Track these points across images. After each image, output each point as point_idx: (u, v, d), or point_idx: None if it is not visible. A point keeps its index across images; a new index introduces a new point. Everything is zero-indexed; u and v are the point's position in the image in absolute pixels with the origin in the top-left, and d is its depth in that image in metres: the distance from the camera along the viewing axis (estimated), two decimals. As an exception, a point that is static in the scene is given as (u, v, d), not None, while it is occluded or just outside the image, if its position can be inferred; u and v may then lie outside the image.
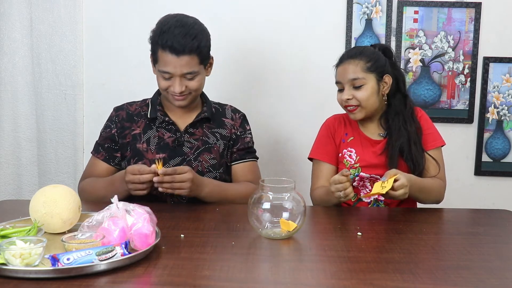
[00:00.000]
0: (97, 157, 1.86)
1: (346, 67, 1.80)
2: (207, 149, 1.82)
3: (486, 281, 1.15)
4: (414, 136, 1.80)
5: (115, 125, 1.85)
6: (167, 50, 1.69)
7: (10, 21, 2.32)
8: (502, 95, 2.40)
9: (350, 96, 1.78)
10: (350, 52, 1.85)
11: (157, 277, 1.14)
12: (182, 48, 1.68)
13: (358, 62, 1.79)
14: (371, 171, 1.80)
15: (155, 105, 1.85)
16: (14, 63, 2.34)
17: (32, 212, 1.37)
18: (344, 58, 1.83)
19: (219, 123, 1.88)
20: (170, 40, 1.68)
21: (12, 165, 2.38)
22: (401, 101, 1.84)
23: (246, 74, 2.43)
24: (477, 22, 2.36)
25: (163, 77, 1.75)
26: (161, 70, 1.73)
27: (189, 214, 1.61)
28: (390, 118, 1.83)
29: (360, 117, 1.81)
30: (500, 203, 2.41)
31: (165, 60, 1.71)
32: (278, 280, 1.14)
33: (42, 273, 1.10)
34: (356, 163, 1.83)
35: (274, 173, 2.41)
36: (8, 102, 2.36)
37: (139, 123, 1.84)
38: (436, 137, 1.85)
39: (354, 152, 1.84)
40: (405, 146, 1.78)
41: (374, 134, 1.87)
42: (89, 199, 1.74)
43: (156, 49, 1.73)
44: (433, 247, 1.37)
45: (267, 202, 1.38)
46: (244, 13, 2.40)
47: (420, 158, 1.78)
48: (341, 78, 1.81)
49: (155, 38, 1.73)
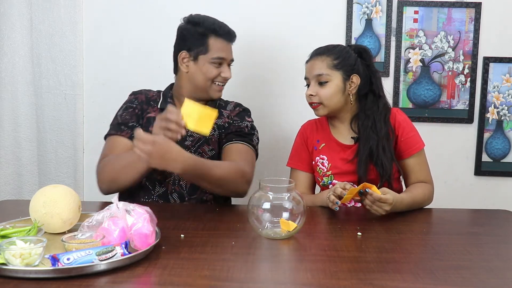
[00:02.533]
0: (121, 135, 1.79)
1: (313, 63, 1.80)
2: (206, 141, 1.84)
3: (486, 281, 1.15)
4: (383, 140, 1.74)
5: (137, 106, 1.87)
6: (222, 37, 1.81)
7: (10, 21, 2.32)
8: (502, 95, 2.40)
9: (313, 92, 1.77)
10: (319, 49, 1.83)
11: (157, 277, 1.14)
12: (234, 35, 1.85)
13: (325, 59, 1.78)
14: (344, 178, 1.76)
15: (166, 97, 1.89)
16: (14, 63, 2.34)
17: (32, 212, 1.37)
18: (313, 54, 1.83)
19: (219, 116, 1.88)
20: (224, 28, 1.82)
21: (12, 165, 2.38)
22: (373, 103, 1.79)
23: (247, 74, 2.43)
24: (477, 22, 2.36)
25: (214, 64, 1.81)
26: (216, 57, 1.80)
27: (189, 214, 1.61)
28: (361, 120, 1.79)
29: (322, 114, 1.80)
30: (500, 203, 2.41)
31: (219, 46, 1.81)
32: (278, 280, 1.14)
33: (42, 273, 1.10)
34: (329, 171, 1.81)
35: (274, 173, 2.41)
36: (8, 102, 2.36)
37: (154, 108, 1.87)
38: (417, 140, 1.80)
39: (326, 159, 1.82)
40: (374, 150, 1.73)
41: (346, 137, 1.83)
42: (111, 174, 1.68)
43: (206, 39, 1.80)
44: (433, 247, 1.37)
45: (267, 202, 1.38)
46: (244, 13, 2.40)
47: (388, 164, 1.72)
48: (308, 73, 1.81)
49: (208, 26, 1.80)
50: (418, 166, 1.79)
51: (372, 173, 1.75)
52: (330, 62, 1.77)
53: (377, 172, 1.74)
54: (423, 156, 1.81)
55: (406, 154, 1.79)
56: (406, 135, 1.79)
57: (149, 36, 2.41)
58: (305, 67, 1.84)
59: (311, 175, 1.89)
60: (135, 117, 1.84)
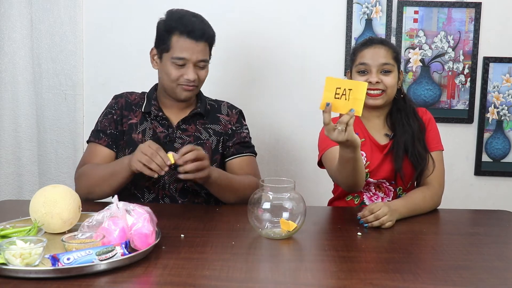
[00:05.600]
0: (99, 143, 1.79)
1: (377, 51, 1.76)
2: (199, 145, 1.78)
3: (486, 281, 1.15)
4: (417, 132, 1.78)
5: (116, 112, 1.83)
6: (184, 35, 1.70)
7: (10, 21, 2.32)
8: (502, 95, 2.40)
9: (379, 79, 1.74)
10: (376, 38, 1.83)
11: (157, 277, 1.14)
12: (201, 33, 1.71)
13: (389, 49, 1.78)
14: (378, 175, 1.78)
15: (150, 99, 1.84)
16: (14, 63, 2.34)
17: (32, 212, 1.37)
18: (373, 42, 1.79)
19: (213, 119, 1.86)
20: (190, 26, 1.69)
21: (13, 165, 2.38)
22: (401, 99, 1.84)
23: (247, 74, 2.43)
24: (477, 22, 2.36)
25: (176, 65, 1.72)
26: (176, 56, 1.71)
27: (189, 214, 1.61)
28: (393, 115, 1.82)
29: (381, 103, 1.77)
30: (500, 203, 2.42)
31: (182, 45, 1.70)
32: (278, 280, 1.14)
33: (42, 273, 1.10)
34: (366, 168, 1.76)
35: (274, 173, 2.41)
36: (8, 102, 2.36)
37: (136, 113, 1.83)
38: (438, 141, 1.83)
39: (365, 155, 1.79)
40: (409, 142, 1.76)
41: (380, 134, 1.83)
42: (87, 185, 1.69)
43: (169, 36, 1.72)
44: (433, 247, 1.37)
45: (267, 202, 1.38)
46: (243, 13, 2.40)
47: (424, 155, 1.75)
48: (370, 60, 1.75)
49: (171, 24, 1.72)
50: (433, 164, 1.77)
51: (407, 168, 1.76)
52: (393, 54, 1.78)
53: (411, 166, 1.75)
54: (441, 158, 1.80)
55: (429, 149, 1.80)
56: (430, 132, 1.82)
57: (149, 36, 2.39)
58: (360, 53, 1.78)
59: None
60: (114, 123, 1.81)
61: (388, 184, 1.79)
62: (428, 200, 1.69)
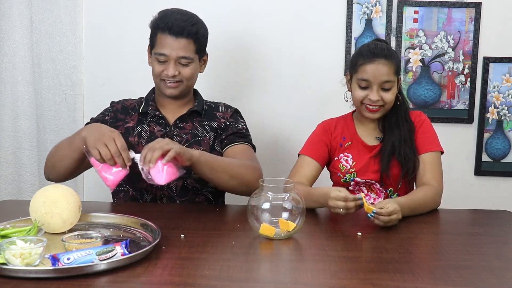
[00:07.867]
0: None
1: (380, 68, 1.71)
2: (197, 142, 1.80)
3: (486, 281, 1.15)
4: (406, 135, 1.77)
5: (109, 114, 1.86)
6: (166, 32, 1.74)
7: (10, 21, 2.32)
8: (502, 95, 2.40)
9: (379, 97, 1.73)
10: (381, 50, 1.73)
11: (157, 277, 1.14)
12: (181, 30, 1.73)
13: (390, 64, 1.72)
14: (366, 175, 1.79)
15: (148, 100, 1.87)
16: (14, 63, 2.34)
17: (32, 212, 1.37)
18: (377, 56, 1.71)
19: (210, 117, 1.87)
20: (170, 22, 1.74)
21: (12, 165, 2.38)
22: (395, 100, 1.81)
23: (246, 74, 2.43)
24: (477, 22, 2.36)
25: (158, 60, 1.77)
26: (158, 52, 1.76)
27: (189, 214, 1.61)
28: (387, 118, 1.81)
29: (378, 117, 1.78)
30: (500, 203, 2.41)
31: (162, 42, 1.75)
32: (278, 280, 1.14)
33: (42, 273, 1.10)
34: (352, 168, 1.81)
35: (274, 173, 2.40)
36: (8, 102, 2.36)
37: (133, 116, 1.85)
38: (432, 142, 1.80)
39: (351, 157, 1.82)
40: (397, 144, 1.75)
41: (371, 137, 1.84)
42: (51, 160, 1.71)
43: (155, 33, 1.78)
44: (433, 247, 1.37)
45: (266, 202, 1.38)
46: (243, 13, 2.40)
47: (411, 156, 1.74)
48: (372, 77, 1.71)
49: (156, 22, 1.78)
50: (429, 166, 1.76)
51: (394, 168, 1.75)
52: (394, 68, 1.73)
53: (399, 167, 1.75)
54: (436, 159, 1.78)
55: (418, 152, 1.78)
56: (423, 133, 1.80)
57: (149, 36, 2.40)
58: (363, 67, 1.72)
59: (318, 167, 1.83)
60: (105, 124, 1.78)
61: (378, 186, 1.80)
62: (429, 199, 1.69)
